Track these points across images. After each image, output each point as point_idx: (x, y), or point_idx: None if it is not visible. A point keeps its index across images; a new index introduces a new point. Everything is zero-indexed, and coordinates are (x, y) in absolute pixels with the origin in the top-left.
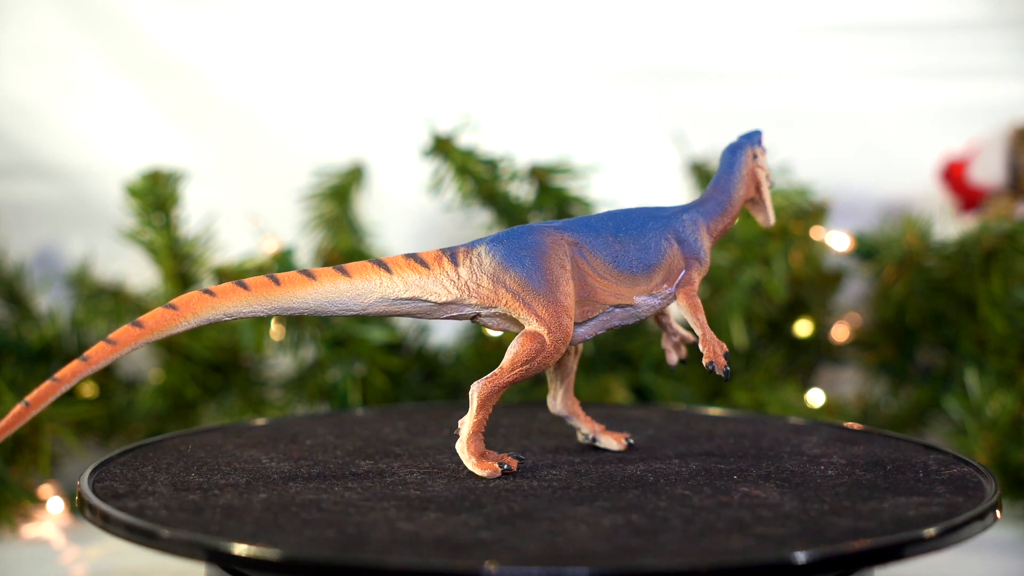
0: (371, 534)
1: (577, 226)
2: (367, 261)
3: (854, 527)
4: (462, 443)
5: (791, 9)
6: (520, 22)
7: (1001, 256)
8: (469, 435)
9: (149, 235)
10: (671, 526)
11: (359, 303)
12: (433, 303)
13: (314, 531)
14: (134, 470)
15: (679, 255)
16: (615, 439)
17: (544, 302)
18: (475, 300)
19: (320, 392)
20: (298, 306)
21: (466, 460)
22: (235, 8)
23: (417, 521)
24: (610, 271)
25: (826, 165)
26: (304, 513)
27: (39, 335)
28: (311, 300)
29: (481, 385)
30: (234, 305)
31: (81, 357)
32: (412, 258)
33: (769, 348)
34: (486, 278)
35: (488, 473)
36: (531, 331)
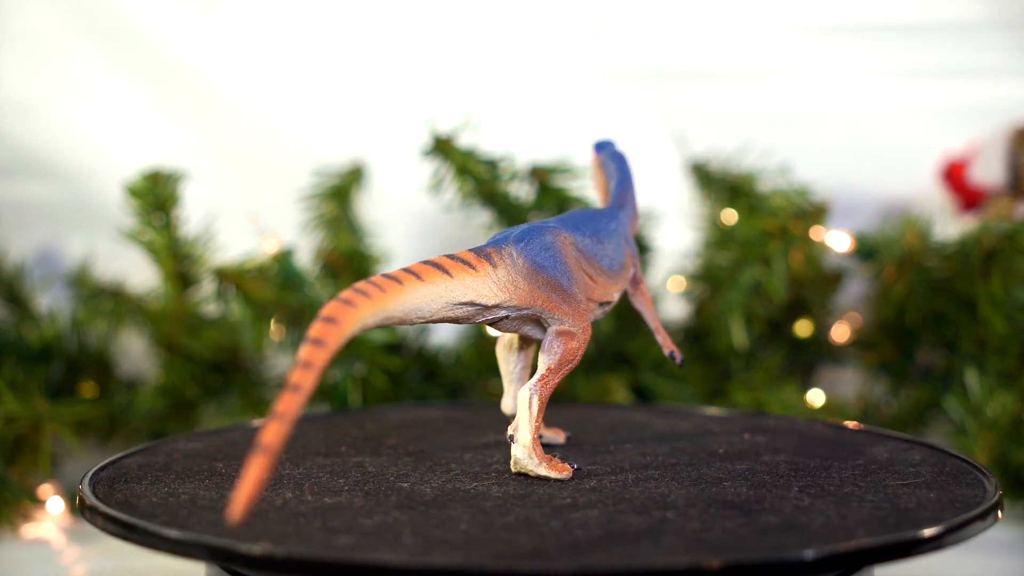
0: (373, 533)
1: (567, 226)
2: (423, 264)
3: (855, 527)
4: (526, 448)
5: (791, 10)
6: (520, 22)
7: (1001, 256)
8: (532, 440)
9: (149, 235)
10: (671, 525)
11: (431, 308)
12: (482, 306)
13: (314, 531)
14: (135, 472)
15: (629, 254)
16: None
17: (572, 301)
18: (515, 301)
19: (320, 392)
20: (395, 315)
21: (535, 465)
22: (235, 9)
23: (419, 520)
24: (601, 270)
25: (826, 165)
26: (305, 513)
27: (39, 335)
28: (405, 306)
29: (536, 390)
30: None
31: (292, 387)
32: (458, 260)
33: (769, 348)
34: (521, 279)
35: (564, 475)
36: (565, 330)
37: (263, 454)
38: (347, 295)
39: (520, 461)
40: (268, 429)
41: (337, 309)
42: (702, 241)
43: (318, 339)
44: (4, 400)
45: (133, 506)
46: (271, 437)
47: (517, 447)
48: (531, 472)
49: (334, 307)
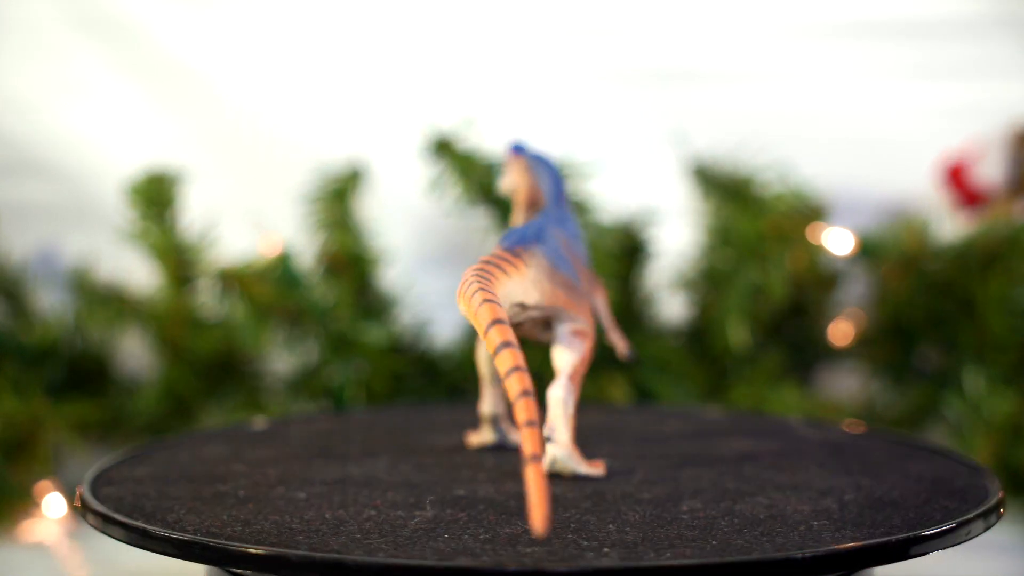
0: (376, 534)
1: (555, 225)
2: (486, 264)
3: (855, 526)
4: (567, 448)
5: (791, 10)
6: (521, 23)
7: (1001, 257)
8: (572, 439)
9: (150, 235)
10: (670, 525)
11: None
12: (523, 306)
13: (315, 531)
14: (135, 472)
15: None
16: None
17: (582, 299)
18: (544, 301)
19: (320, 392)
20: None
21: (576, 464)
22: (235, 8)
23: (422, 521)
24: (585, 269)
25: (826, 165)
26: (305, 514)
27: (39, 335)
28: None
29: (566, 390)
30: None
31: (524, 392)
32: (505, 261)
33: (769, 348)
34: (545, 279)
35: (600, 472)
36: (580, 328)
37: (535, 462)
38: (485, 295)
39: (560, 460)
40: (529, 439)
41: (494, 309)
42: (701, 241)
43: (507, 342)
44: (4, 400)
45: (133, 507)
46: (534, 445)
47: (556, 447)
48: (570, 472)
49: (491, 308)
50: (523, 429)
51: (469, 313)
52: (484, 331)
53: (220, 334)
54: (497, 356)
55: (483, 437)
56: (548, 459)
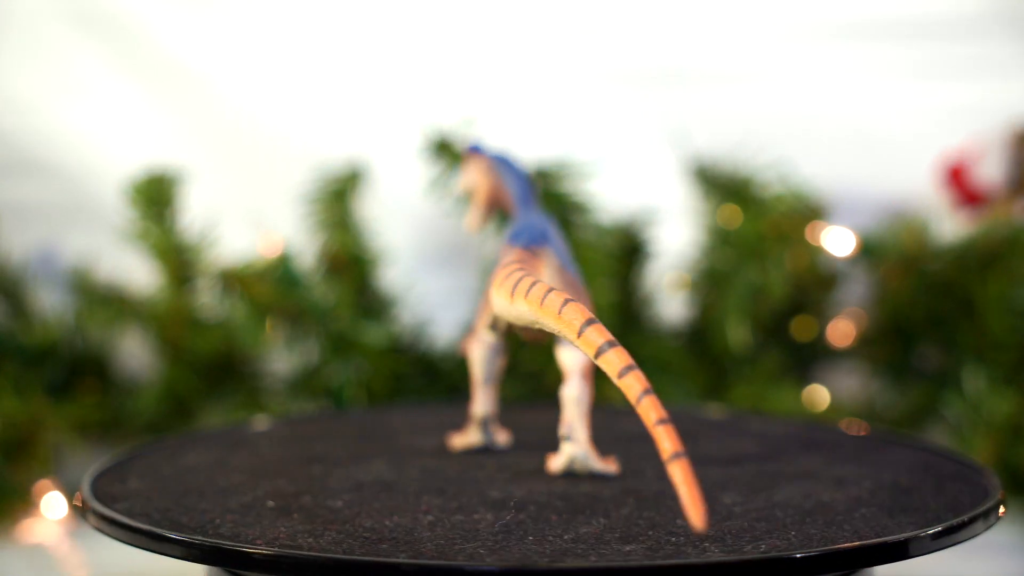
0: (377, 535)
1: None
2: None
3: (855, 526)
4: (586, 447)
5: (791, 10)
6: (521, 23)
7: (1001, 257)
8: (590, 438)
9: (149, 235)
10: (668, 524)
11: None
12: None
13: (316, 532)
14: (135, 472)
15: None
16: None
17: (586, 299)
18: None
19: (320, 392)
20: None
21: (594, 462)
22: (235, 8)
23: (423, 522)
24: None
25: (826, 165)
26: (306, 514)
27: (39, 335)
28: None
29: (580, 388)
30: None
31: (646, 391)
32: (526, 259)
33: (769, 348)
34: (558, 278)
35: (613, 470)
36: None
37: (682, 457)
38: (562, 294)
39: (579, 460)
40: (667, 436)
41: (581, 307)
42: (702, 242)
43: (611, 340)
44: (4, 400)
45: (133, 507)
46: (674, 442)
47: (574, 446)
48: (587, 470)
49: (578, 307)
50: (657, 428)
51: (535, 309)
52: (578, 332)
53: (220, 334)
54: (602, 357)
55: (469, 439)
56: (567, 458)
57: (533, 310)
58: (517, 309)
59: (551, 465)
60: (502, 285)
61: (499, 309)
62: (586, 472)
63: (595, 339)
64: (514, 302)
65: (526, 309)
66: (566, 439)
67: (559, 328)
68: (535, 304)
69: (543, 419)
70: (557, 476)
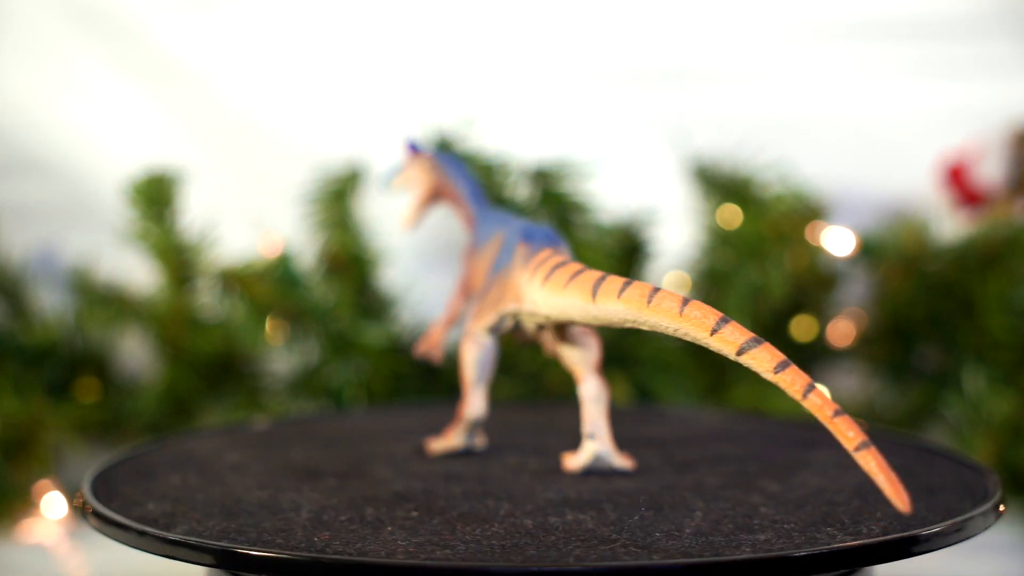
0: (379, 535)
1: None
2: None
3: (855, 525)
4: (608, 444)
5: (791, 10)
6: (521, 23)
7: (1001, 257)
8: (610, 434)
9: (149, 235)
10: (667, 525)
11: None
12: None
13: (317, 532)
14: (136, 472)
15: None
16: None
17: None
18: None
19: (320, 392)
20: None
21: (612, 459)
22: (235, 9)
23: (425, 524)
24: None
25: (826, 165)
26: (306, 515)
27: (39, 335)
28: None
29: (599, 387)
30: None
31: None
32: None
33: None
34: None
35: (630, 466)
36: (588, 328)
37: (868, 448)
38: (674, 293)
39: (605, 458)
40: (847, 427)
41: (705, 305)
42: (702, 242)
43: (755, 337)
44: (4, 400)
45: (134, 507)
46: (856, 432)
47: (599, 443)
48: (608, 467)
49: (701, 305)
50: (834, 420)
51: (638, 309)
52: (711, 330)
53: (220, 334)
54: (748, 354)
55: (451, 443)
56: (591, 456)
57: (634, 310)
58: (603, 309)
59: (572, 463)
60: (569, 284)
61: (557, 308)
62: (607, 469)
63: (736, 337)
64: (599, 302)
65: (620, 308)
66: (590, 437)
67: (676, 326)
68: (637, 304)
69: (531, 418)
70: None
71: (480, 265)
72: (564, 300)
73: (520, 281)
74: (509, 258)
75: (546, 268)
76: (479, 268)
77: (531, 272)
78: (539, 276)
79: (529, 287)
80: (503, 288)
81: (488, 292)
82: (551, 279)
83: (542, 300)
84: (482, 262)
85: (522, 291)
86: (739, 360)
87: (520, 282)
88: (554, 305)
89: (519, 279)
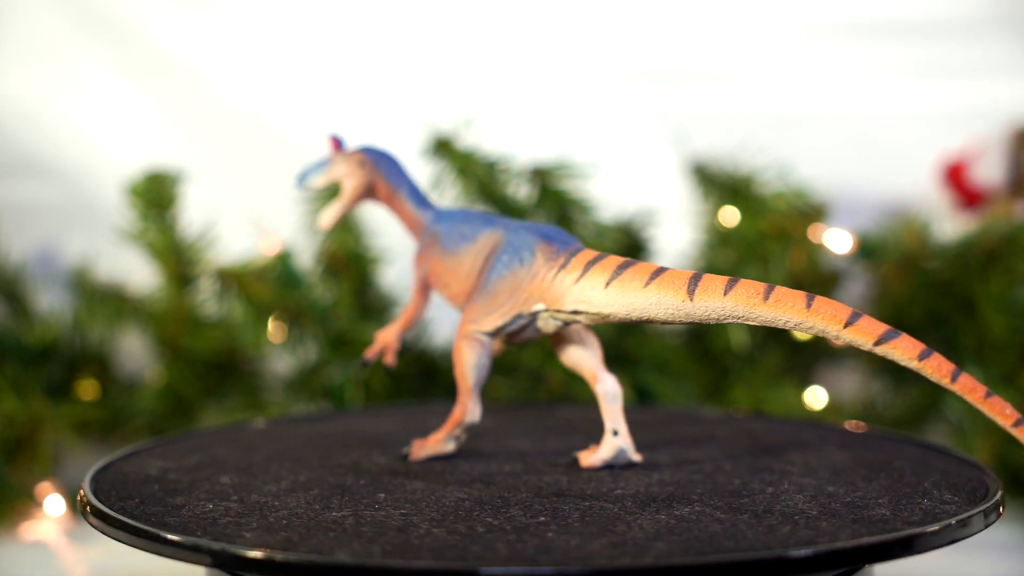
0: (380, 536)
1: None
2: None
3: (855, 525)
4: (628, 440)
5: (791, 10)
6: (520, 23)
7: (1001, 257)
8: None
9: (149, 235)
10: (667, 525)
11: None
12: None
13: (316, 533)
14: (136, 472)
15: None
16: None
17: None
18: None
19: (320, 392)
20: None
21: (632, 454)
22: (235, 9)
23: (425, 525)
24: None
25: (826, 165)
26: (307, 515)
27: (39, 335)
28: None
29: (614, 384)
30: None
31: (957, 371)
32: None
33: (769, 348)
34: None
35: (639, 458)
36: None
37: (995, 397)
38: (793, 291)
39: (625, 452)
40: (1000, 405)
41: (832, 301)
42: (702, 241)
43: (891, 328)
44: (4, 400)
45: (134, 507)
46: (1011, 408)
47: (622, 439)
48: (625, 461)
49: (828, 300)
50: (987, 401)
51: (755, 306)
52: (845, 322)
53: (220, 334)
54: (888, 344)
55: (443, 448)
56: (614, 451)
57: (746, 307)
58: (701, 306)
59: (592, 459)
60: (653, 283)
61: (630, 306)
62: (625, 463)
63: (874, 328)
64: (697, 300)
65: (727, 306)
66: (615, 433)
67: (800, 320)
68: (750, 301)
69: (532, 416)
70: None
71: (461, 267)
72: (645, 298)
73: (551, 281)
74: (521, 259)
75: (606, 267)
76: (460, 270)
77: (575, 271)
78: (597, 274)
79: (576, 286)
80: (517, 289)
81: (493, 294)
82: (622, 278)
83: (604, 299)
84: (464, 264)
85: (555, 291)
86: (876, 350)
87: (551, 282)
88: (626, 303)
89: (546, 279)
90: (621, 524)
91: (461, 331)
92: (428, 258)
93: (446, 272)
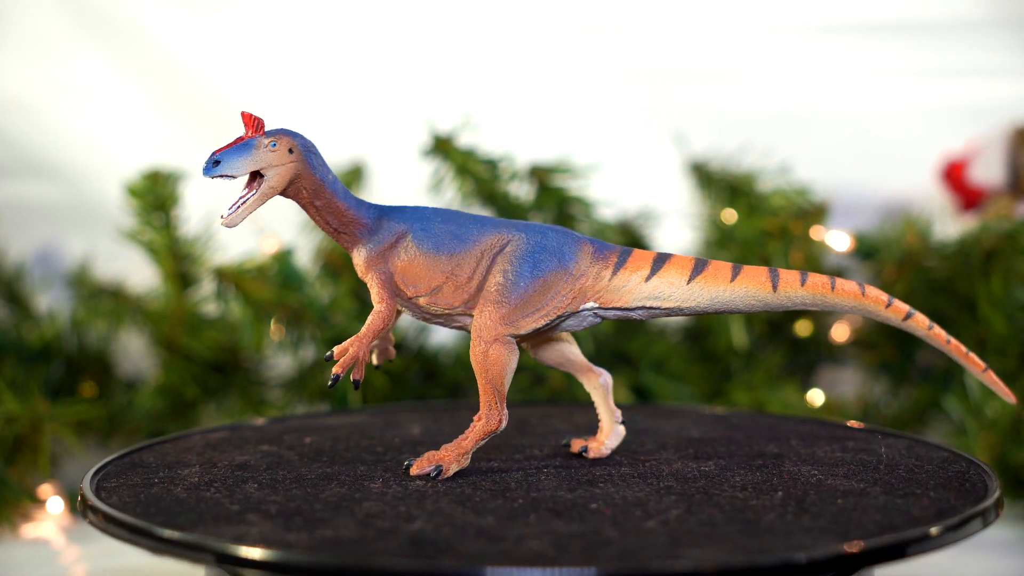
0: (379, 536)
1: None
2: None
3: (855, 526)
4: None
5: (791, 10)
6: (520, 22)
7: (1001, 256)
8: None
9: (149, 235)
10: (667, 526)
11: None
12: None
13: (316, 533)
14: (136, 472)
15: None
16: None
17: None
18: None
19: (320, 392)
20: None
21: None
22: (235, 9)
23: (423, 524)
24: None
25: (826, 165)
26: (308, 515)
27: (39, 335)
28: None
29: (607, 374)
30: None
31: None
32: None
33: (769, 348)
34: None
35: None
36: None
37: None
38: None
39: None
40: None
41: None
42: (702, 241)
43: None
44: (4, 400)
45: (134, 506)
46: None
47: (622, 428)
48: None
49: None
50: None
51: (823, 295)
52: (886, 304)
53: (220, 334)
54: (914, 318)
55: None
56: (620, 437)
57: (820, 296)
58: (784, 297)
59: (603, 449)
60: (739, 277)
61: (714, 300)
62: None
63: (902, 307)
64: (780, 292)
65: (805, 296)
66: (621, 422)
67: (856, 304)
68: (822, 291)
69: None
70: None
71: (460, 269)
72: (732, 292)
73: (608, 281)
74: (560, 261)
75: (682, 264)
76: (460, 272)
77: (643, 269)
78: (675, 271)
79: (647, 284)
80: (557, 290)
81: (527, 296)
82: (705, 275)
83: (686, 295)
84: (464, 266)
85: (613, 289)
86: (903, 325)
87: (608, 282)
88: (709, 297)
89: (601, 278)
90: (621, 526)
91: (488, 334)
92: (395, 259)
93: (432, 274)
